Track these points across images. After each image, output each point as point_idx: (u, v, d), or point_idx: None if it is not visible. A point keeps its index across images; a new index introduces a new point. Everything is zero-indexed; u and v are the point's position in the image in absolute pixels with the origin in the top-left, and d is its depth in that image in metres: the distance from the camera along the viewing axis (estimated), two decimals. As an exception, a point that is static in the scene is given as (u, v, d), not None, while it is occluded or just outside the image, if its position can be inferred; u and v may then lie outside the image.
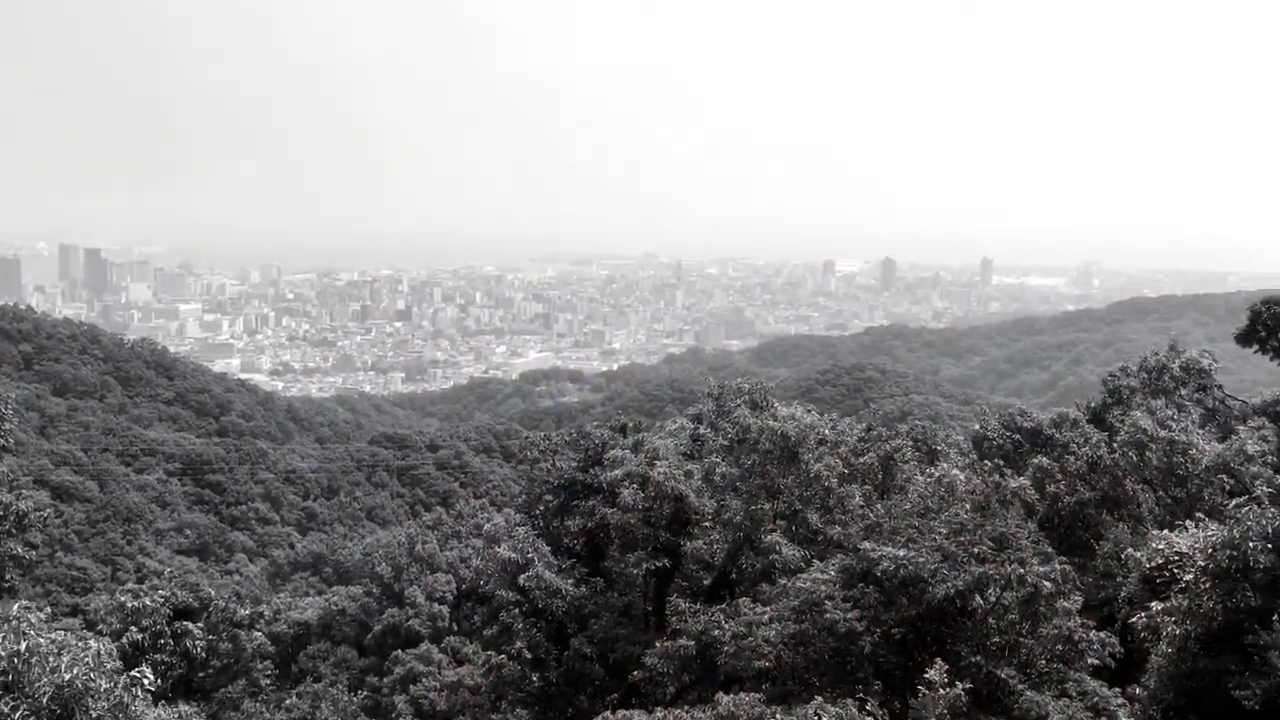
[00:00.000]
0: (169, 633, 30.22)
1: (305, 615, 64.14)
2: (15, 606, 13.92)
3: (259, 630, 40.49)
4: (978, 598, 20.74)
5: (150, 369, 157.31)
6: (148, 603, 30.23)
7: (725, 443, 31.63)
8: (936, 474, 27.86)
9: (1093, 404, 40.42)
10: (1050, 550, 24.20)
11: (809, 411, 32.75)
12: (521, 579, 29.46)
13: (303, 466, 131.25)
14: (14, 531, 27.86)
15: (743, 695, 20.23)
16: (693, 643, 24.65)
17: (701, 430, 35.26)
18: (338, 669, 58.67)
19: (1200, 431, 31.41)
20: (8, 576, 28.59)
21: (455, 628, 61.21)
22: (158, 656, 29.36)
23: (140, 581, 55.05)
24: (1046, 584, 20.62)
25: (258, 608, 47.80)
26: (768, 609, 23.78)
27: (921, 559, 21.09)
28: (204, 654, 31.18)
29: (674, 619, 26.58)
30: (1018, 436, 39.81)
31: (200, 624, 32.19)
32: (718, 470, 29.81)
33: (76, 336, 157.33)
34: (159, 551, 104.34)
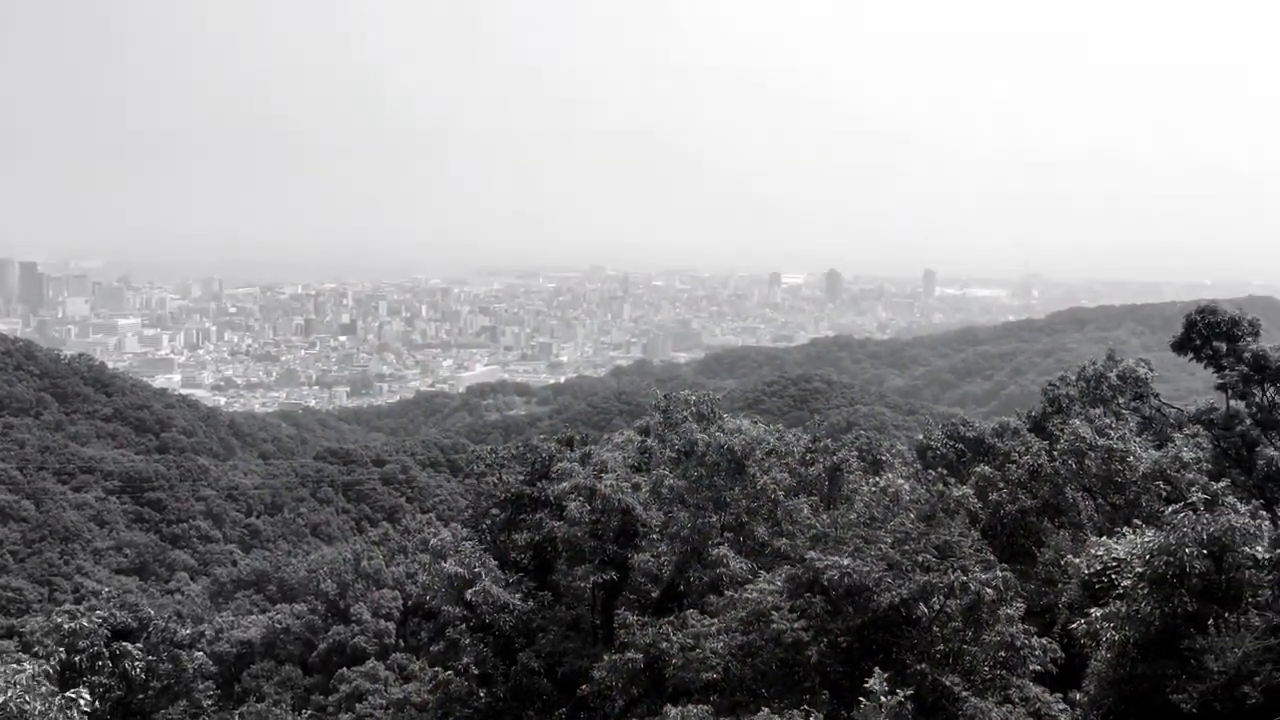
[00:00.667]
0: (107, 654, 29.56)
1: (248, 634, 63.13)
2: (-54, 630, 13.60)
3: (200, 650, 39.78)
4: (922, 606, 20.94)
5: (88, 385, 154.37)
6: (85, 624, 29.54)
7: (673, 455, 31.70)
8: (881, 484, 28.11)
9: (1033, 413, 41.05)
10: (993, 558, 24.48)
11: (755, 423, 32.95)
12: (468, 594, 29.27)
13: (245, 483, 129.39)
14: (-55, 553, 27.19)
15: (691, 707, 20.27)
16: (641, 655, 24.63)
17: (649, 443, 35.31)
18: (282, 688, 57.77)
19: (1137, 439, 31.99)
20: (-61, 599, 27.88)
21: (402, 644, 60.61)
22: (95, 678, 28.71)
23: (78, 602, 53.83)
24: (989, 591, 20.86)
25: (199, 627, 47.07)
26: (715, 621, 23.84)
27: (867, 568, 21.26)
28: (143, 675, 30.54)
29: (622, 632, 26.54)
30: (961, 446, 40.34)
31: (139, 645, 31.54)
32: (665, 483, 29.85)
33: (11, 353, 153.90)
34: (97, 571, 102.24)
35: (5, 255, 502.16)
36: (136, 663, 29.64)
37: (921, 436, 44.62)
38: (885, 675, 17.02)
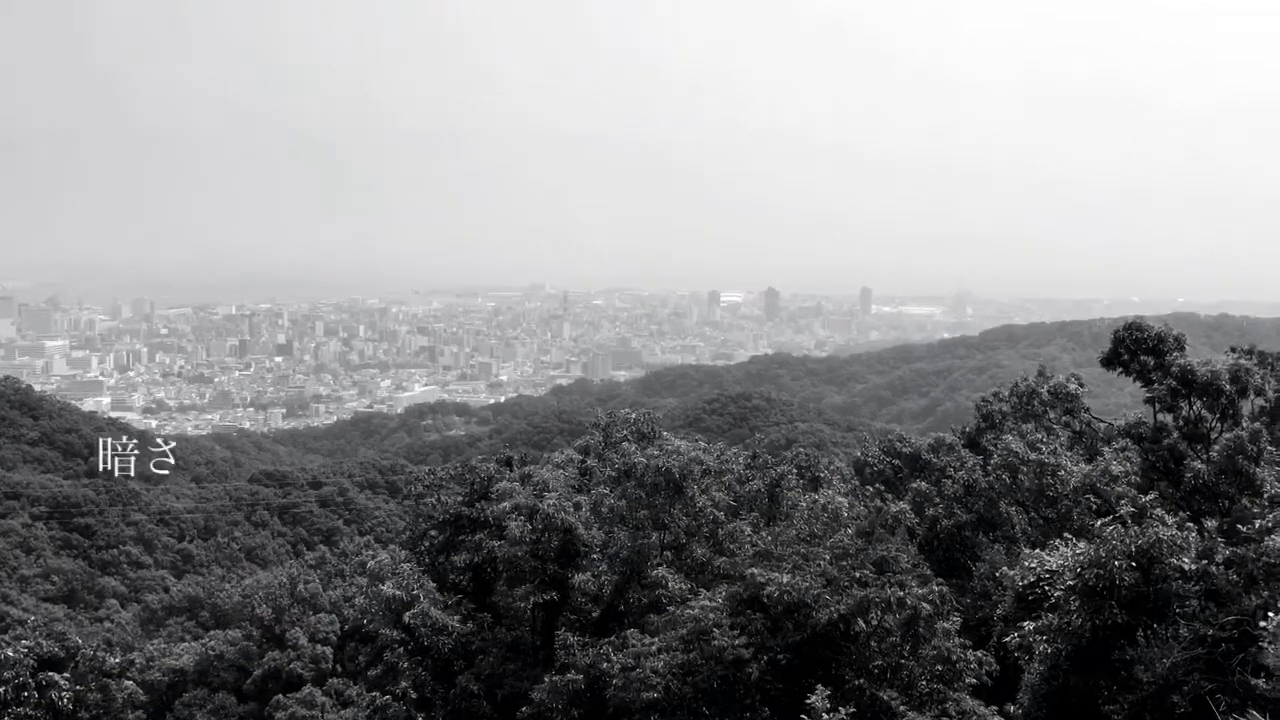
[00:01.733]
0: (33, 684, 28.80)
1: (180, 662, 61.71)
2: None
3: (131, 679, 38.86)
4: (860, 621, 21.12)
5: (14, 408, 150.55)
6: (10, 654, 28.76)
7: (613, 474, 31.65)
8: (820, 500, 28.32)
9: (968, 429, 41.63)
10: (929, 572, 24.78)
11: (695, 441, 33.02)
12: (406, 617, 28.95)
13: (178, 507, 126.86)
14: None
15: (632, 727, 20.20)
16: (581, 676, 24.52)
17: (589, 462, 35.22)
18: (215, 716, 56.59)
19: (1068, 453, 32.59)
20: None
21: (339, 669, 59.67)
22: (20, 710, 27.95)
23: (2, 631, 52.36)
24: (926, 605, 21.10)
25: (129, 655, 45.84)
26: (656, 640, 23.81)
27: (806, 584, 21.39)
28: (71, 706, 29.76)
29: (562, 653, 26.39)
30: (897, 462, 40.81)
31: (67, 674, 30.75)
32: (606, 502, 29.79)
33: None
34: (23, 599, 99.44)
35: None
36: (64, 693, 28.90)
37: (859, 453, 45.08)
38: (826, 692, 17.11)
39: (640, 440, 32.60)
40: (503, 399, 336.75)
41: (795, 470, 37.84)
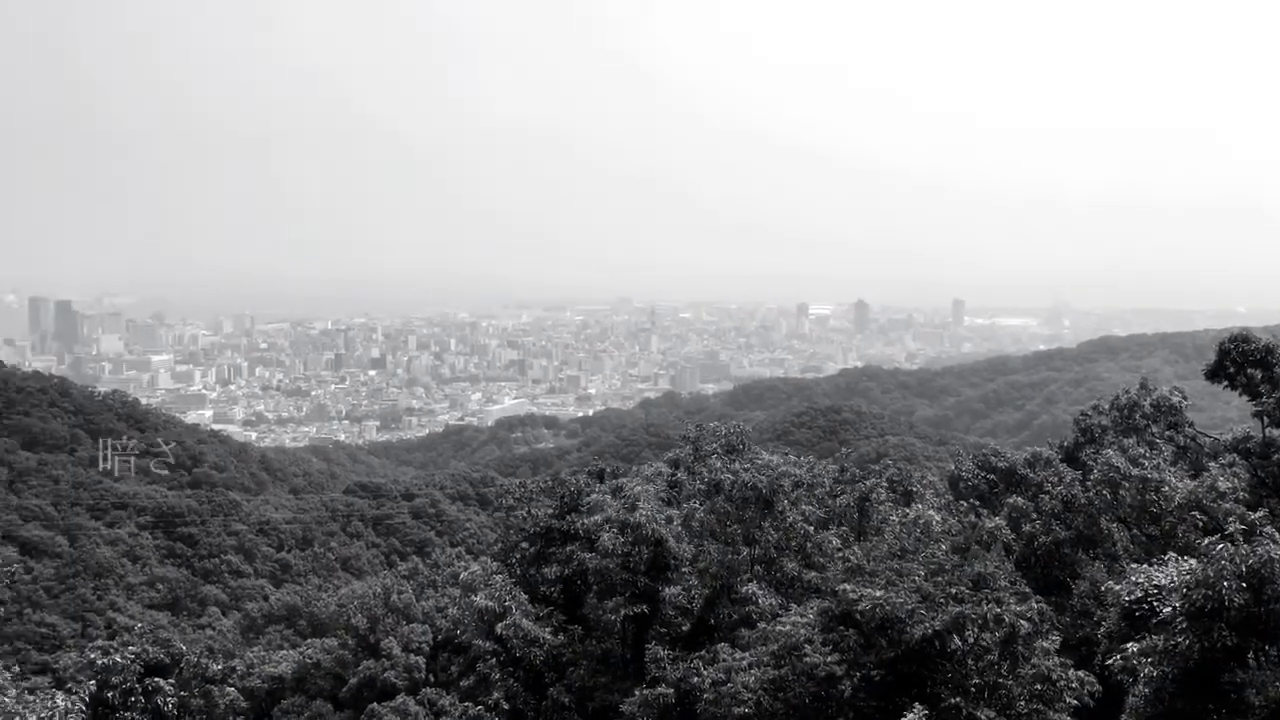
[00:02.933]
0: (140, 690, 29.67)
1: (279, 669, 63.01)
2: (-19, 666, 13.71)
3: (232, 685, 39.89)
4: (956, 638, 20.74)
5: (121, 421, 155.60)
6: (118, 659, 29.68)
7: (703, 488, 31.62)
8: (912, 515, 27.94)
9: (1066, 443, 40.66)
10: (1028, 590, 24.25)
11: (785, 455, 32.83)
12: (499, 628, 29.27)
13: (277, 518, 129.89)
14: (-18, 589, 27.46)
15: (723, 743, 20.10)
16: (672, 690, 24.51)
17: (678, 475, 35.24)
18: (313, 723, 57.70)
19: (1172, 469, 31.65)
20: (-25, 635, 28.12)
21: (432, 679, 60.37)
22: (128, 714, 28.80)
23: (111, 638, 54.06)
24: (1024, 623, 20.65)
25: (231, 662, 47.16)
26: (746, 655, 23.69)
27: (900, 600, 21.09)
28: (175, 711, 30.58)
29: (653, 666, 26.41)
30: (992, 476, 39.95)
31: (172, 680, 31.64)
32: (696, 516, 29.79)
33: (46, 389, 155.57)
34: (130, 607, 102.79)
35: (41, 294, 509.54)
36: (169, 699, 29.69)
37: (952, 467, 44.26)
38: (922, 710, 16.85)
39: (730, 454, 32.53)
40: (591, 412, 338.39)
41: (886, 484, 37.39)
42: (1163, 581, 20.35)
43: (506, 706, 30.91)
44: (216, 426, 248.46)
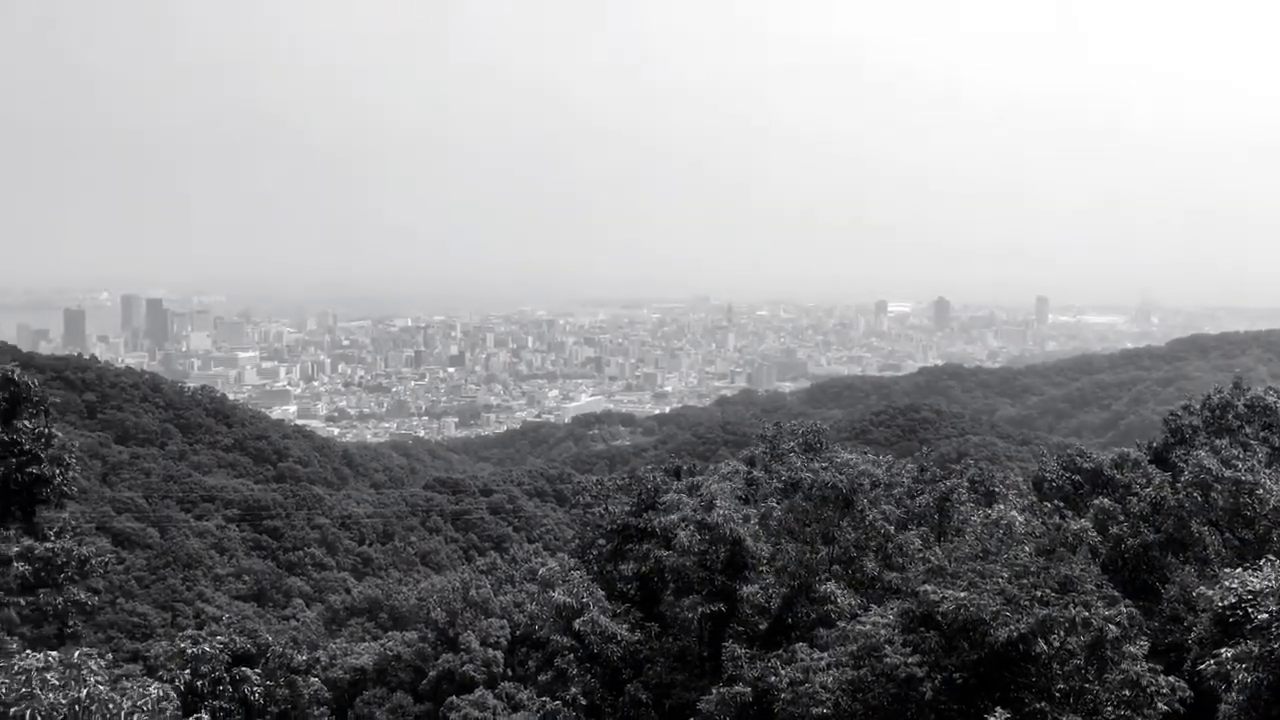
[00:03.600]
0: (228, 679, 30.40)
1: (361, 661, 64.15)
2: (76, 653, 14.11)
3: (315, 676, 40.63)
4: (1041, 642, 20.33)
5: (209, 416, 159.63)
6: (207, 649, 30.46)
7: (780, 486, 31.43)
8: (994, 515, 27.46)
9: (1154, 444, 39.69)
10: (1116, 593, 23.68)
11: (864, 454, 32.50)
12: (576, 624, 29.41)
13: (358, 511, 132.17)
14: (76, 578, 28.29)
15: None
16: (749, 689, 24.40)
17: (755, 473, 35.07)
18: (393, 715, 58.58)
19: (1267, 471, 30.68)
20: (70, 623, 28.99)
21: (510, 673, 60.96)
22: (216, 703, 29.52)
23: (199, 627, 55.43)
24: (1112, 628, 20.18)
25: (314, 653, 48.04)
26: (825, 655, 23.49)
27: (983, 601, 20.73)
28: (262, 700, 31.29)
29: (730, 665, 26.31)
30: (1077, 477, 39.08)
31: (258, 670, 32.36)
32: (773, 515, 29.63)
33: (138, 385, 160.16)
34: (217, 597, 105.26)
35: (133, 292, 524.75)
36: (255, 688, 30.39)
37: (1036, 467, 43.43)
38: (1006, 714, 16.55)
39: (808, 452, 32.29)
40: (667, 409, 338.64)
41: (967, 484, 36.80)
42: (1258, 586, 19.73)
43: (584, 702, 31.04)
44: (300, 422, 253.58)
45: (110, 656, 16.41)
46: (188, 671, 28.75)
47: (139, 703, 13.90)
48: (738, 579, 29.32)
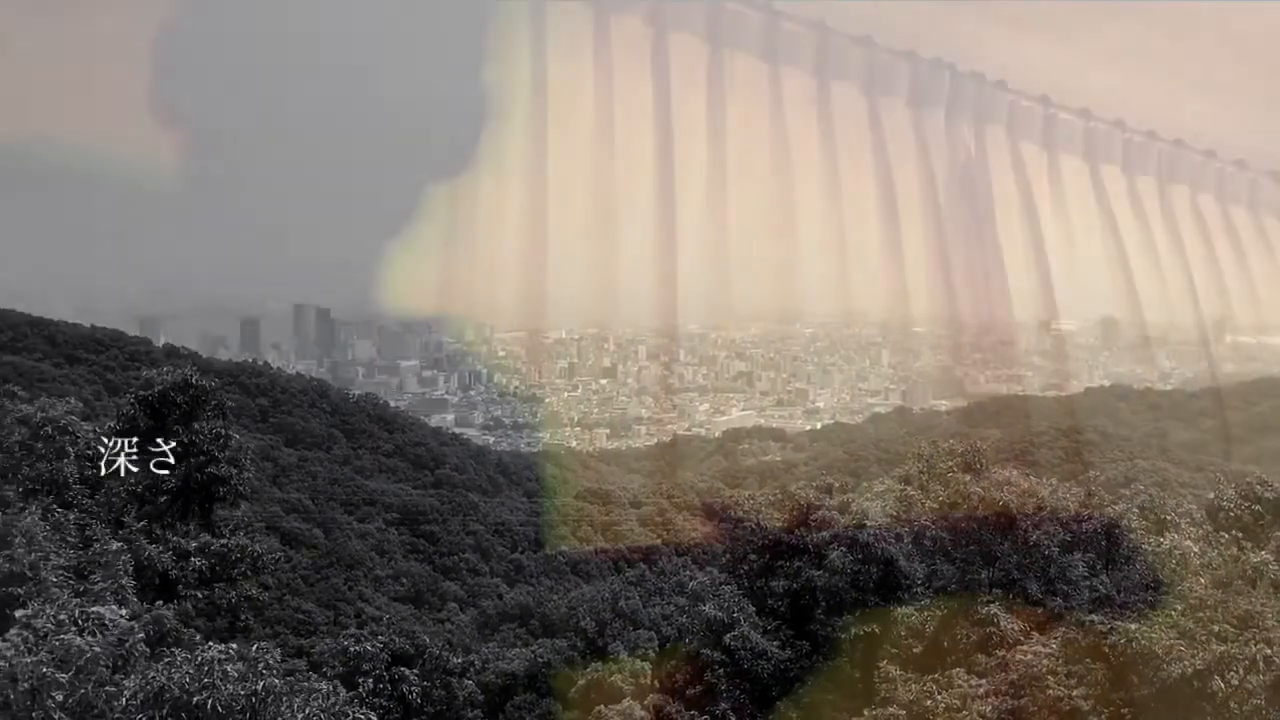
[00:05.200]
0: (387, 678, 31.36)
1: (512, 666, 65.26)
2: (254, 647, 14.76)
3: (470, 679, 41.52)
4: (1218, 679, 19.32)
5: (373, 422, 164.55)
6: (369, 648, 31.51)
7: (936, 506, 30.73)
8: (1167, 544, 26.23)
9: (1344, 472, 37.26)
10: (1301, 632, 22.28)
11: (1026, 475, 31.50)
12: (727, 638, 29.32)
13: (511, 519, 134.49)
14: (249, 574, 29.63)
15: (958, 772, 19.41)
16: (903, 712, 23.90)
17: (910, 492, 34.36)
18: (542, 721, 59.33)
19: None
20: (242, 617, 30.37)
21: (657, 685, 61.09)
22: (376, 701, 30.47)
23: (360, 626, 57.38)
24: (1297, 668, 19.01)
25: (469, 657, 49.14)
26: (984, 682, 22.84)
27: (1155, 635, 19.82)
28: (419, 700, 32.17)
29: (883, 687, 25.82)
30: (1258, 507, 36.89)
31: (416, 670, 33.27)
32: (928, 534, 28.98)
33: (307, 391, 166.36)
34: (377, 598, 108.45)
35: (304, 301, 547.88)
36: (413, 688, 31.27)
37: (1212, 495, 41.26)
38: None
39: (965, 472, 31.50)
40: (819, 425, 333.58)
41: (1136, 511, 35.23)
42: None
43: (733, 718, 30.88)
44: (457, 430, 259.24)
45: (278, 652, 17.12)
46: (350, 670, 29.79)
47: (311, 698, 14.45)
48: (891, 600, 28.78)
